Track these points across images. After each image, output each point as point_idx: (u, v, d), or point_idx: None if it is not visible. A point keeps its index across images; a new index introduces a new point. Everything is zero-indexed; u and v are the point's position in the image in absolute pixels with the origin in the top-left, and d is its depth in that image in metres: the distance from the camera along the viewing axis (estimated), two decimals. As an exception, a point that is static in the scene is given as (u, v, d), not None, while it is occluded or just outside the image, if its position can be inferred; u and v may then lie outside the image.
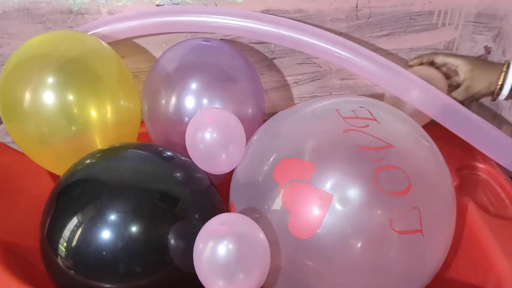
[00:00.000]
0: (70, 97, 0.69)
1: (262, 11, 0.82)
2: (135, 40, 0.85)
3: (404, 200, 0.54)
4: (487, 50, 0.90)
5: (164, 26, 0.80)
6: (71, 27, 0.82)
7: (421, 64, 0.84)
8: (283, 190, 0.56)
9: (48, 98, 0.68)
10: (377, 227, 0.53)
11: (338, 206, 0.53)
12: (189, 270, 0.55)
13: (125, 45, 0.83)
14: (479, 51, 0.90)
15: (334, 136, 0.58)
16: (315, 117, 0.63)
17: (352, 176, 0.54)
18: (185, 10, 0.79)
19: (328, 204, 0.53)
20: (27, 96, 0.68)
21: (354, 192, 0.54)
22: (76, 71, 0.70)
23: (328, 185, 0.54)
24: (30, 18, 0.81)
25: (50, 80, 0.68)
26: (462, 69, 0.78)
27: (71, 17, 0.82)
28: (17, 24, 0.82)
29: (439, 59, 0.81)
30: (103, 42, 0.77)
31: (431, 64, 0.83)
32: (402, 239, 0.54)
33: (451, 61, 0.80)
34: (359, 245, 0.54)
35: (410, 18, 0.85)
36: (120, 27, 0.79)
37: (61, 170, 0.73)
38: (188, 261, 0.54)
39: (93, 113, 0.71)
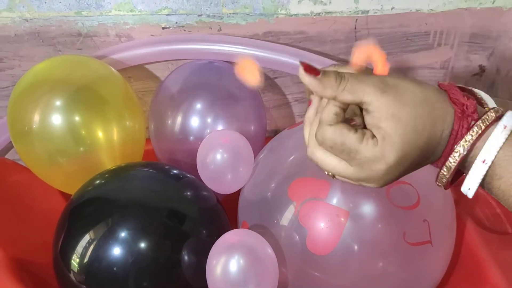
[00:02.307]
0: (78, 119, 0.71)
1: (264, 33, 0.85)
2: (141, 61, 0.88)
3: (415, 214, 0.58)
4: (482, 68, 0.93)
5: (171, 53, 0.83)
6: (80, 49, 0.86)
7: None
8: (299, 208, 0.58)
9: (57, 120, 0.70)
10: (392, 240, 0.56)
11: (354, 222, 0.56)
12: (197, 285, 0.57)
13: (132, 66, 0.86)
14: (474, 69, 0.93)
15: None
16: None
17: (366, 193, 0.57)
18: (193, 39, 0.83)
19: (345, 220, 0.56)
20: (36, 118, 0.70)
21: (369, 208, 0.57)
22: (84, 95, 0.72)
23: (343, 202, 0.57)
24: (41, 40, 0.84)
25: (59, 103, 0.70)
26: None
27: (80, 40, 0.85)
28: (28, 47, 0.85)
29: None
30: (109, 66, 0.80)
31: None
32: (414, 251, 0.57)
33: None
34: (375, 258, 0.56)
35: (407, 39, 0.88)
36: (129, 55, 0.83)
37: (69, 188, 0.76)
38: (196, 276, 0.56)
39: (100, 134, 0.73)
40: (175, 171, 0.69)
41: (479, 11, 0.85)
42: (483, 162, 0.35)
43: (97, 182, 0.65)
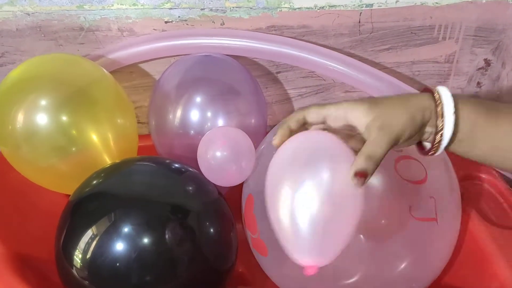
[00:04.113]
0: (67, 120, 0.69)
1: (268, 27, 0.84)
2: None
3: (422, 189, 0.58)
4: (487, 62, 0.92)
5: (174, 49, 0.83)
6: (82, 43, 0.85)
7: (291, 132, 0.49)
8: None
9: (44, 121, 0.67)
10: (398, 212, 0.57)
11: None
12: (201, 280, 0.56)
13: (134, 61, 0.86)
14: (479, 63, 0.92)
15: None
16: None
17: None
18: (195, 33, 0.82)
19: None
20: (21, 119, 0.67)
21: (376, 179, 0.56)
22: (72, 95, 0.70)
23: None
24: (43, 35, 0.84)
25: (45, 103, 0.67)
26: (353, 115, 0.46)
27: (82, 34, 0.84)
28: (30, 41, 0.84)
29: (312, 116, 0.48)
30: (98, 65, 0.79)
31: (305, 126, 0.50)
32: (419, 225, 0.57)
33: (330, 112, 0.47)
34: (382, 229, 0.57)
35: (411, 33, 0.87)
36: (131, 52, 0.83)
37: (62, 189, 0.75)
38: (200, 271, 0.56)
39: (91, 135, 0.71)
40: (177, 165, 0.68)
41: (484, 4, 0.85)
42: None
43: (99, 177, 0.64)
